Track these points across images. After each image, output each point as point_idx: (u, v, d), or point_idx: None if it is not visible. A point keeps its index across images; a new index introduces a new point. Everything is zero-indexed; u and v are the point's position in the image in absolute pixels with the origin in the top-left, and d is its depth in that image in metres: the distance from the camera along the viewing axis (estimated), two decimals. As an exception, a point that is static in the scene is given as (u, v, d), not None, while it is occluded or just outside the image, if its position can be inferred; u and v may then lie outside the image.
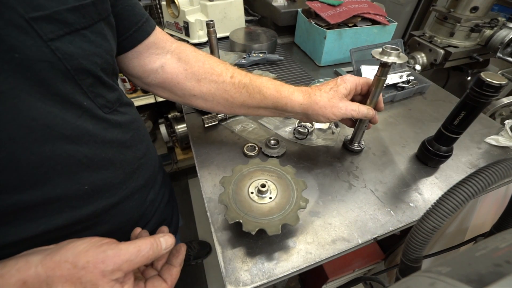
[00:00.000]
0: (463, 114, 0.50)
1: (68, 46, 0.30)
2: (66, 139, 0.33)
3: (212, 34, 0.60)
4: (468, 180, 0.32)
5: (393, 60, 0.44)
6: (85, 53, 0.33)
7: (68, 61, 0.31)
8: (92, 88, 0.36)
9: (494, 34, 1.32)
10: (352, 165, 0.60)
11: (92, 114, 0.36)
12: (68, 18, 0.30)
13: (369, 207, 0.52)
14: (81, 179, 0.36)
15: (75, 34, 0.31)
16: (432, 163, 0.59)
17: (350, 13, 0.87)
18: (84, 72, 0.33)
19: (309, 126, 0.66)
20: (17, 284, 0.28)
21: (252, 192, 0.45)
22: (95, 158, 0.37)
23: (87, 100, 0.35)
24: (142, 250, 0.32)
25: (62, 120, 0.32)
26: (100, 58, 0.35)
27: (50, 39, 0.29)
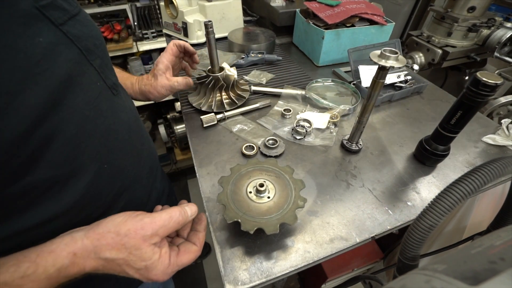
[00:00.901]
0: (459, 114, 0.50)
1: (73, 29, 0.34)
2: (87, 119, 0.35)
3: (210, 35, 0.60)
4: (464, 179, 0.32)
5: (392, 64, 0.44)
6: (86, 36, 0.36)
7: (78, 42, 0.34)
8: (102, 69, 0.39)
9: (491, 34, 1.32)
10: (350, 164, 0.60)
11: (105, 95, 0.39)
12: (64, 6, 0.33)
13: (367, 206, 0.52)
14: (101, 157, 0.38)
15: (74, 20, 0.34)
16: (430, 162, 0.60)
17: (348, 13, 0.87)
18: (92, 53, 0.37)
19: (307, 126, 0.67)
20: (68, 257, 0.30)
21: (251, 192, 0.45)
22: (110, 138, 0.39)
23: (100, 80, 0.38)
24: (173, 216, 0.36)
25: (82, 102, 0.34)
26: (97, 40, 0.39)
27: (60, 23, 0.32)
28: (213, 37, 0.61)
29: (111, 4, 1.64)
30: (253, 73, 0.88)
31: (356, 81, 0.81)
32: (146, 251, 0.33)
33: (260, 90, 0.79)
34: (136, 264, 0.33)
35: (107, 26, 1.68)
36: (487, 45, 1.34)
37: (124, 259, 0.32)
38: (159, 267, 0.34)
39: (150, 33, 1.67)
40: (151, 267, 0.34)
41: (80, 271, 0.31)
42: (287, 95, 0.77)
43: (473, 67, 1.54)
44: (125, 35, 1.64)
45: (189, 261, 0.39)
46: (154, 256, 0.34)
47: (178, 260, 0.37)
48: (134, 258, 0.33)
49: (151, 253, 0.33)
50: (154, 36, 1.68)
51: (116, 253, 0.32)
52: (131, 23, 1.67)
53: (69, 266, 0.30)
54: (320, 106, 0.74)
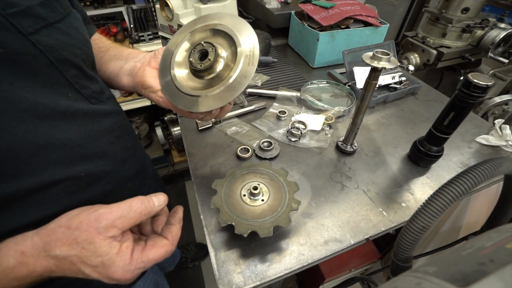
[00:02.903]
0: (452, 115, 0.51)
1: (46, 38, 0.32)
2: (57, 128, 0.34)
3: None
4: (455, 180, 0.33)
5: (384, 65, 0.45)
6: (64, 45, 0.35)
7: (49, 53, 0.33)
8: (77, 79, 0.38)
9: (485, 35, 1.33)
10: (345, 166, 0.60)
11: (80, 104, 0.38)
12: (41, 13, 0.32)
13: (361, 207, 0.52)
14: (76, 166, 0.37)
15: (50, 28, 0.33)
16: (424, 163, 0.60)
17: (342, 15, 0.88)
18: (66, 63, 0.35)
19: (302, 127, 0.67)
20: (15, 255, 0.28)
21: (245, 195, 0.46)
22: (87, 146, 0.38)
23: (72, 91, 0.37)
24: (133, 206, 0.32)
25: (52, 111, 0.34)
26: (79, 49, 0.38)
27: (29, 32, 0.31)
28: None
29: (107, 7, 1.64)
30: (248, 75, 0.88)
31: (351, 83, 0.82)
32: (101, 245, 0.29)
33: (256, 92, 0.79)
34: (91, 261, 0.29)
35: (103, 28, 1.68)
36: (481, 46, 1.35)
37: (77, 255, 0.29)
38: (118, 263, 0.29)
39: (147, 35, 1.67)
40: (109, 264, 0.29)
41: (31, 272, 0.28)
42: (282, 97, 0.77)
43: (467, 67, 1.55)
44: (121, 37, 1.64)
45: (159, 257, 0.33)
46: (111, 251, 0.29)
47: (143, 255, 0.32)
48: (88, 254, 0.28)
49: (107, 247, 0.29)
50: (150, 39, 1.68)
51: (68, 249, 0.28)
52: (127, 25, 1.67)
53: (16, 266, 0.28)
54: (315, 108, 0.74)
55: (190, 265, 1.58)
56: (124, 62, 0.48)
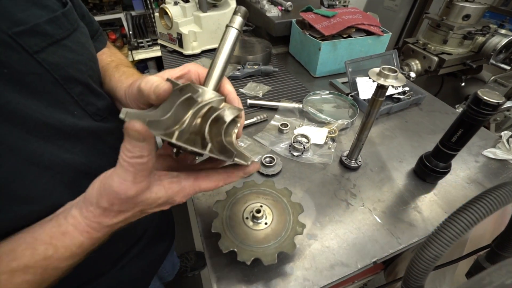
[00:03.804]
0: (461, 132, 0.49)
1: (52, 56, 0.32)
2: (62, 148, 0.33)
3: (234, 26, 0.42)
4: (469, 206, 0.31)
5: (391, 82, 0.43)
6: (69, 62, 0.34)
7: (55, 71, 0.32)
8: (82, 96, 0.37)
9: (487, 41, 1.33)
10: (349, 182, 0.59)
11: (85, 122, 0.37)
12: (48, 30, 0.31)
13: (367, 228, 0.51)
14: (81, 186, 0.35)
15: (56, 45, 0.32)
16: (430, 179, 0.58)
17: (344, 24, 0.86)
18: (72, 81, 0.34)
19: (304, 141, 0.65)
20: (83, 235, 0.28)
21: (247, 218, 0.44)
22: (92, 165, 0.37)
23: (78, 109, 0.36)
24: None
25: (57, 131, 0.33)
26: (85, 66, 0.37)
27: (35, 51, 0.30)
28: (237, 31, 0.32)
29: (106, 13, 1.63)
30: (249, 86, 0.86)
31: (353, 93, 0.80)
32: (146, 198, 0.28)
33: (257, 103, 0.77)
34: (150, 209, 0.29)
35: (101, 35, 1.67)
36: (483, 52, 1.35)
37: (134, 213, 0.28)
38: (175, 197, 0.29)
39: (146, 41, 1.66)
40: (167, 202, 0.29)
41: (102, 236, 0.29)
42: (284, 109, 0.76)
43: (469, 74, 1.54)
44: (120, 44, 1.62)
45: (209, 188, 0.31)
46: (160, 194, 0.28)
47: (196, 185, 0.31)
48: (143, 207, 0.28)
49: (152, 197, 0.28)
50: (149, 45, 1.67)
51: (123, 215, 0.28)
52: (126, 32, 1.66)
53: (86, 241, 0.28)
54: (318, 120, 0.72)
55: (190, 274, 1.56)
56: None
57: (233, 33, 0.31)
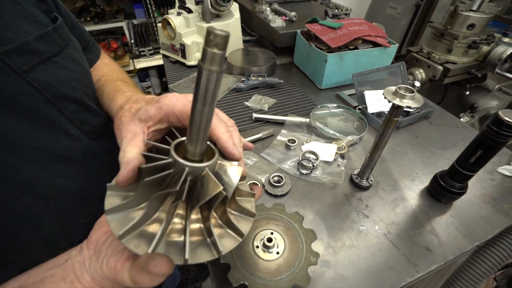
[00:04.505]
0: (480, 153, 0.47)
1: (43, 75, 0.30)
2: (56, 173, 0.31)
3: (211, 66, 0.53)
4: (497, 243, 0.29)
5: (407, 103, 0.41)
6: (62, 80, 0.32)
7: (46, 90, 0.30)
8: (77, 114, 0.35)
9: (492, 50, 1.32)
10: (361, 203, 0.56)
11: (81, 142, 0.35)
12: (38, 48, 0.29)
13: (382, 253, 0.48)
14: (76, 213, 0.34)
15: (48, 63, 0.30)
16: (446, 199, 0.56)
17: (351, 36, 0.85)
18: (65, 99, 0.32)
19: (313, 158, 0.63)
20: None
21: (258, 246, 0.41)
22: (88, 188, 0.35)
23: (73, 128, 0.34)
24: None
25: (50, 155, 0.31)
26: (78, 82, 0.35)
27: (24, 71, 0.28)
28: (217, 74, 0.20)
29: (108, 22, 1.62)
30: (254, 98, 0.84)
31: (362, 107, 0.78)
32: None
33: (263, 117, 0.75)
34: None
35: (103, 43, 1.66)
36: (488, 62, 1.33)
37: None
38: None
39: (147, 50, 1.65)
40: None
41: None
42: (291, 123, 0.74)
43: (473, 82, 1.53)
44: (121, 53, 1.61)
45: None
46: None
47: None
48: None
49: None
50: (151, 53, 1.66)
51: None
52: (127, 40, 1.65)
53: None
54: (326, 135, 0.70)
55: (191, 287, 1.52)
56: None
57: (211, 78, 0.19)
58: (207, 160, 0.25)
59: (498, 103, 1.52)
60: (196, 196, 0.25)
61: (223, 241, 0.25)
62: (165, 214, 0.25)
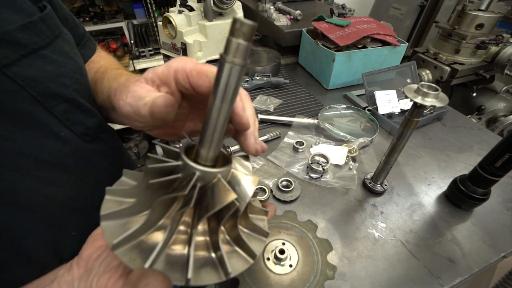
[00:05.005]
0: (508, 156, 0.44)
1: (28, 70, 0.26)
2: (42, 181, 0.28)
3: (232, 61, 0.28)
4: None
5: (431, 102, 0.38)
6: (50, 75, 0.28)
7: (31, 87, 0.26)
8: (68, 115, 0.31)
9: (500, 51, 1.29)
10: (376, 209, 0.53)
11: (72, 145, 0.31)
12: (21, 39, 0.26)
13: (401, 264, 0.44)
14: (66, 225, 0.31)
15: (33, 56, 0.27)
16: (466, 206, 0.53)
17: (359, 34, 0.82)
18: (54, 97, 0.29)
19: (323, 162, 0.60)
20: None
21: (269, 259, 0.38)
22: (80, 198, 0.32)
23: (64, 129, 0.30)
24: None
25: (35, 161, 0.27)
26: (69, 79, 0.31)
27: (5, 65, 0.24)
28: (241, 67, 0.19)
29: (107, 22, 1.59)
30: (259, 99, 0.81)
31: (372, 108, 0.75)
32: None
33: (269, 118, 0.72)
34: None
35: (102, 44, 1.63)
36: (496, 62, 1.31)
37: None
38: None
39: (147, 51, 1.62)
40: None
41: None
42: (298, 125, 0.70)
43: (480, 84, 1.50)
44: (121, 53, 1.58)
45: None
46: None
47: None
48: None
49: None
50: (151, 54, 1.63)
51: None
52: (127, 41, 1.62)
53: None
54: (336, 137, 0.67)
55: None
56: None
57: (233, 72, 0.18)
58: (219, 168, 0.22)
59: (506, 105, 1.49)
60: (205, 205, 0.21)
61: (232, 261, 0.22)
62: (170, 222, 0.21)
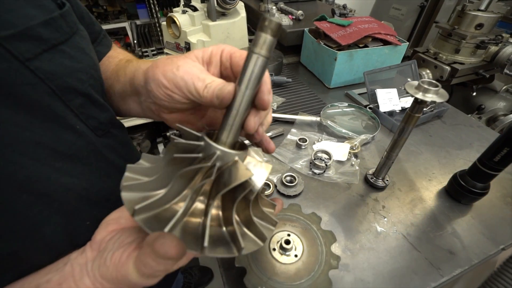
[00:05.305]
0: (506, 151, 0.45)
1: (48, 64, 0.27)
2: (59, 171, 0.29)
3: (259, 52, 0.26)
4: None
5: (432, 98, 0.39)
6: (68, 70, 0.29)
7: (51, 80, 0.27)
8: (83, 109, 0.32)
9: (500, 51, 1.30)
10: (377, 204, 0.54)
11: (86, 139, 0.32)
12: (43, 34, 0.27)
13: (403, 256, 0.46)
14: (81, 214, 0.32)
15: (53, 51, 0.28)
16: (466, 200, 0.54)
17: (361, 33, 0.83)
18: (71, 92, 0.30)
19: (326, 158, 0.61)
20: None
21: (274, 249, 0.39)
22: (93, 189, 0.33)
23: (79, 123, 0.32)
24: None
25: (52, 152, 0.28)
26: (85, 74, 0.32)
27: (27, 58, 0.25)
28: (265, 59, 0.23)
29: (111, 22, 1.60)
30: (262, 97, 0.82)
31: (373, 106, 0.76)
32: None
33: (272, 116, 0.73)
34: None
35: (105, 44, 1.65)
36: (496, 62, 1.32)
37: None
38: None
39: (150, 51, 1.63)
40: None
41: None
42: (301, 122, 0.72)
43: (480, 83, 1.51)
44: (124, 53, 1.59)
45: None
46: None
47: None
48: None
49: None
50: (154, 54, 1.64)
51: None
52: (130, 41, 1.64)
53: None
54: (338, 134, 0.68)
55: (195, 292, 1.49)
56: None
57: (258, 63, 0.21)
58: None
59: (506, 104, 1.50)
60: (223, 183, 0.23)
61: (244, 241, 0.23)
62: (190, 193, 0.23)
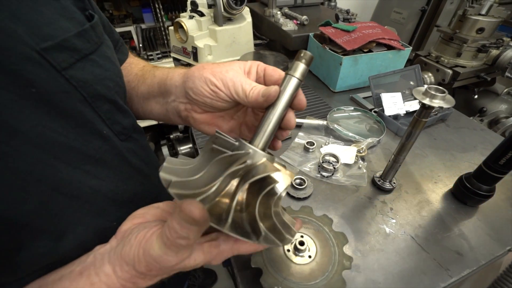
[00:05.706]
0: (511, 154, 0.46)
1: (81, 73, 0.29)
2: (89, 174, 0.31)
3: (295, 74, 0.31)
4: None
5: (439, 104, 0.40)
6: (97, 78, 0.31)
7: (83, 88, 0.29)
8: (110, 114, 0.34)
9: (501, 54, 1.32)
10: (385, 206, 0.55)
11: (111, 143, 0.34)
12: (77, 45, 0.29)
13: (412, 257, 0.47)
14: (109, 215, 0.34)
15: (85, 60, 0.30)
16: (472, 202, 0.55)
17: (365, 39, 0.85)
18: (100, 98, 0.32)
19: (333, 161, 0.62)
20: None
21: (289, 250, 0.40)
22: (118, 191, 0.35)
23: (106, 128, 0.34)
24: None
25: (83, 156, 0.30)
26: (112, 82, 0.34)
27: (63, 68, 0.27)
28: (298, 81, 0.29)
29: (117, 26, 1.62)
30: (269, 101, 0.84)
31: (378, 109, 0.78)
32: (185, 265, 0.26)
33: (279, 120, 0.75)
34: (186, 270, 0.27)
35: (111, 47, 1.66)
36: (497, 65, 1.33)
37: (169, 275, 0.27)
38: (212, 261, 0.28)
39: (155, 54, 1.65)
40: (203, 264, 0.28)
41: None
42: (308, 126, 0.73)
43: (481, 86, 1.53)
44: (129, 57, 1.61)
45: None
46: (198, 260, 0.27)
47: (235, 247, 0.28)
48: (181, 270, 0.27)
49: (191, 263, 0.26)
50: (159, 58, 1.66)
51: (159, 278, 0.27)
52: (135, 44, 1.66)
53: None
54: (345, 138, 0.70)
55: (198, 297, 1.49)
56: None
57: (293, 83, 0.29)
58: None
59: (507, 107, 1.52)
60: (251, 176, 0.25)
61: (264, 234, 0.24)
62: (222, 179, 0.24)
